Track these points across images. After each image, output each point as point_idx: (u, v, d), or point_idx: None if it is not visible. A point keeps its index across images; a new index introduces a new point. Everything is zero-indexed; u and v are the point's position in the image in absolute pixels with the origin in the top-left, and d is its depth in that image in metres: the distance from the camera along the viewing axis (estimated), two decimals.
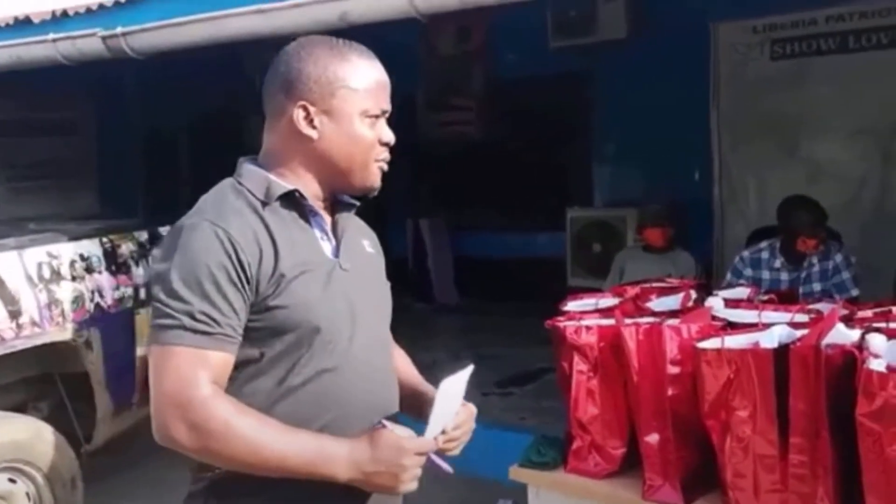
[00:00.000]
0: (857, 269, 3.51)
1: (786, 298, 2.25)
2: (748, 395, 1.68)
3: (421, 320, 6.80)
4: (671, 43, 5.70)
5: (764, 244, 3.66)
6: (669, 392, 1.85)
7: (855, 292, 3.42)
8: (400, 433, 1.25)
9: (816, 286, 3.46)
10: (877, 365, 1.51)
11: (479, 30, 7.00)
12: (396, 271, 1.65)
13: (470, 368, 1.36)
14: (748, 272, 3.62)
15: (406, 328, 2.62)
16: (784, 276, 3.54)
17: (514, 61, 6.44)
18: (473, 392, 1.41)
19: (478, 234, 7.24)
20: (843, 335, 1.64)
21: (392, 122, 1.40)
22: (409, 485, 1.24)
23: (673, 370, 1.86)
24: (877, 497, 1.49)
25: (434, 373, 1.37)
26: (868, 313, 1.89)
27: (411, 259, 7.44)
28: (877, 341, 1.58)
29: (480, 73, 7.03)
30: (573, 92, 6.55)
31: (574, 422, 2.06)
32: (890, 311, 1.86)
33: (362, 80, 1.32)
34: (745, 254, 3.69)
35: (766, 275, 3.57)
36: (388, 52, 1.53)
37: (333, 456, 1.21)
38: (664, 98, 5.76)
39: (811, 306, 2.02)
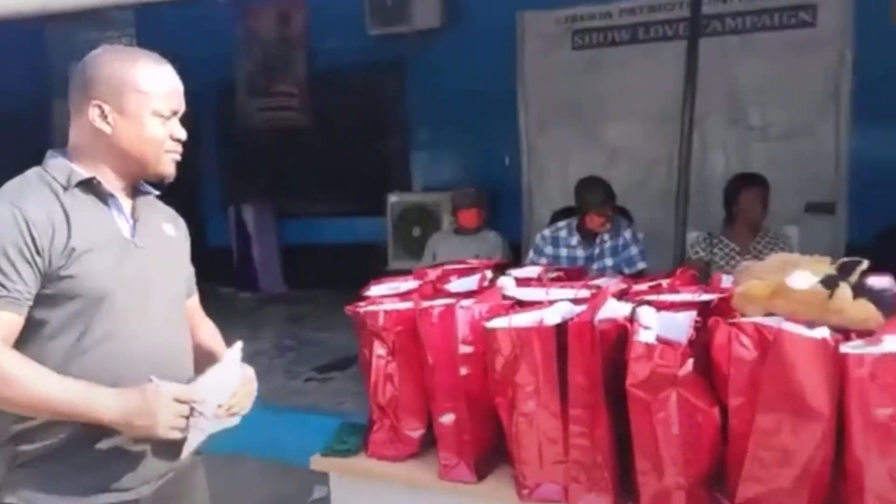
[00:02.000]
0: (645, 244, 3.69)
1: (574, 275, 2.28)
2: (532, 372, 1.68)
3: (245, 310, 6.54)
4: (482, 32, 5.77)
5: (562, 223, 3.78)
6: (462, 372, 1.82)
7: (642, 265, 3.60)
8: (165, 388, 1.42)
9: (608, 261, 3.61)
10: (645, 336, 1.54)
11: (298, 14, 6.79)
12: (219, 260, 1.73)
13: (238, 345, 1.59)
14: (548, 250, 3.72)
15: (229, 318, 2.46)
16: (580, 252, 3.67)
17: (335, 48, 6.31)
18: (294, 380, 1.43)
19: (302, 220, 7.05)
20: (615, 309, 1.67)
21: (212, 107, 1.33)
22: (169, 432, 1.42)
23: (465, 350, 1.83)
24: (645, 459, 1.52)
25: (257, 361, 1.53)
26: (643, 287, 1.95)
27: (235, 247, 7.14)
28: (646, 313, 1.62)
29: (301, 58, 6.84)
30: (390, 79, 6.51)
31: (374, 407, 2.00)
32: (660, 285, 1.93)
33: (152, 83, 1.51)
34: (546, 232, 3.79)
35: (564, 252, 3.69)
36: (205, 37, 1.45)
37: (96, 399, 1.40)
38: (476, 86, 5.82)
39: (593, 282, 2.06)
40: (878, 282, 1.69)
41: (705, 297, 1.73)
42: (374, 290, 2.33)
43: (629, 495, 1.59)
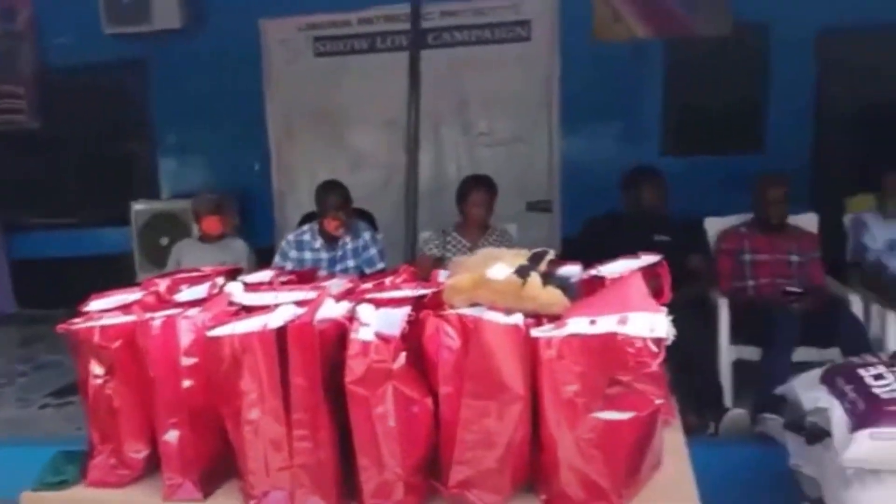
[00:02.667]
0: (384, 244, 3.76)
1: (305, 278, 2.24)
2: (256, 378, 1.61)
3: None
4: (225, 35, 5.56)
5: (306, 227, 3.75)
6: (186, 385, 1.72)
7: (381, 265, 3.66)
8: None
9: (350, 262, 3.64)
10: (363, 333, 1.54)
11: (24, 9, 6.11)
12: None
13: None
14: (293, 254, 3.67)
15: None
16: (324, 255, 3.66)
17: (67, 46, 5.75)
18: (27, 408, 1.22)
19: (35, 233, 6.36)
20: (335, 309, 1.65)
21: None
22: None
23: (188, 362, 1.72)
24: (365, 455, 1.52)
25: None
26: (368, 285, 1.95)
27: None
28: (365, 311, 1.62)
29: (29, 56, 6.14)
30: (132, 81, 6.07)
31: (93, 431, 1.83)
32: (383, 283, 1.94)
33: None
34: (291, 237, 3.75)
35: (308, 255, 3.66)
36: None
37: None
38: (223, 90, 5.61)
39: (322, 283, 2.04)
40: (565, 270, 1.83)
41: (420, 291, 1.76)
42: (95, 305, 2.13)
43: (353, 493, 1.58)
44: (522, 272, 1.57)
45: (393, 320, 1.56)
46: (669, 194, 3.69)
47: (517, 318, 1.48)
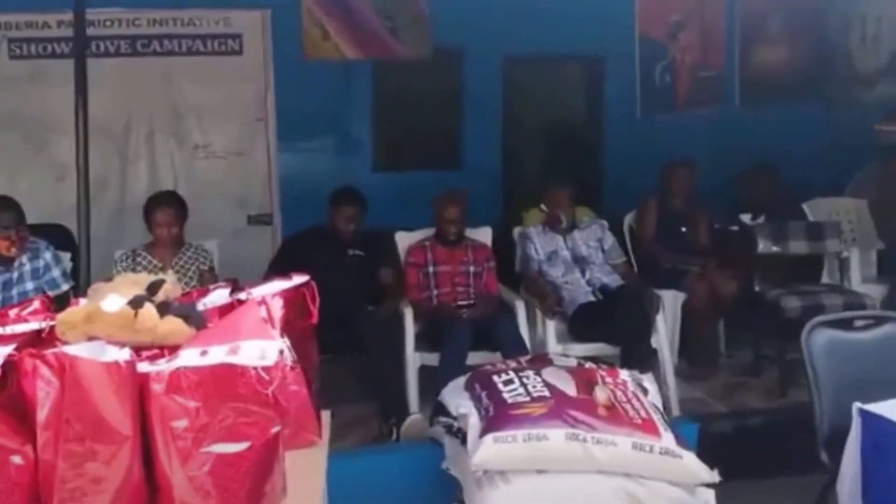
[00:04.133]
0: (67, 264, 3.40)
1: None
2: None
3: None
4: None
5: None
6: None
7: (66, 286, 3.32)
8: None
9: (30, 286, 3.28)
10: None
11: None
12: None
13: None
14: None
15: None
16: None
17: None
18: None
19: None
20: None
21: None
22: None
23: None
24: None
25: None
26: None
27: None
28: None
29: None
30: None
31: None
32: (6, 315, 1.70)
33: None
34: None
35: None
36: None
37: None
38: None
39: None
40: (212, 295, 1.73)
41: (45, 324, 1.56)
42: None
43: None
44: (136, 303, 1.44)
45: None
46: (364, 213, 3.75)
47: (121, 354, 1.34)
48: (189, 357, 1.36)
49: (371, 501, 2.55)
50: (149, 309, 1.43)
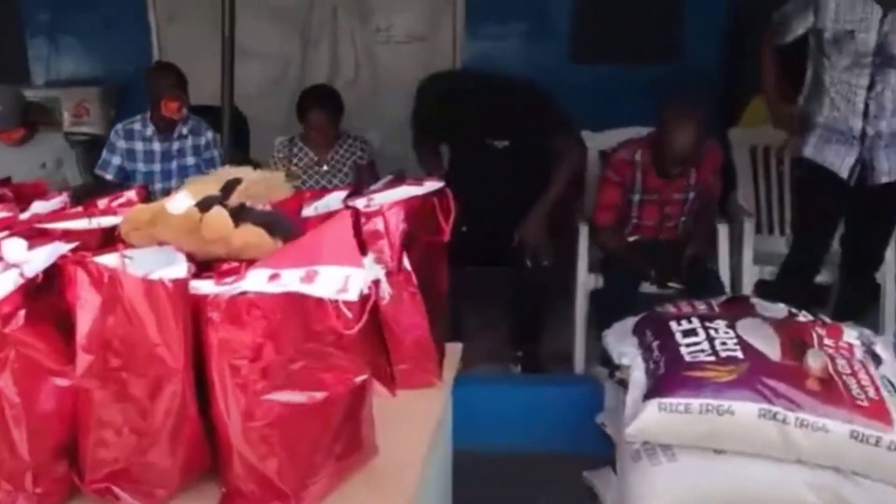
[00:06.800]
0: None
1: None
2: None
3: None
4: None
5: (139, 116, 3.44)
6: None
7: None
8: None
9: (190, 160, 3.35)
10: None
11: None
12: None
13: None
14: (122, 144, 3.38)
15: None
16: (156, 146, 3.37)
17: None
18: None
19: None
20: None
21: None
22: None
23: None
24: None
25: None
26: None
27: None
28: (13, 248, 1.21)
29: None
30: None
31: None
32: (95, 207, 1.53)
33: None
34: (119, 126, 3.45)
35: (139, 146, 3.39)
36: None
37: None
38: None
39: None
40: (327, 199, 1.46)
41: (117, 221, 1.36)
42: None
43: None
44: (204, 205, 1.17)
45: (35, 264, 1.16)
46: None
47: (176, 270, 1.09)
48: (255, 280, 1.07)
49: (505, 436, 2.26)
50: (219, 214, 1.16)
